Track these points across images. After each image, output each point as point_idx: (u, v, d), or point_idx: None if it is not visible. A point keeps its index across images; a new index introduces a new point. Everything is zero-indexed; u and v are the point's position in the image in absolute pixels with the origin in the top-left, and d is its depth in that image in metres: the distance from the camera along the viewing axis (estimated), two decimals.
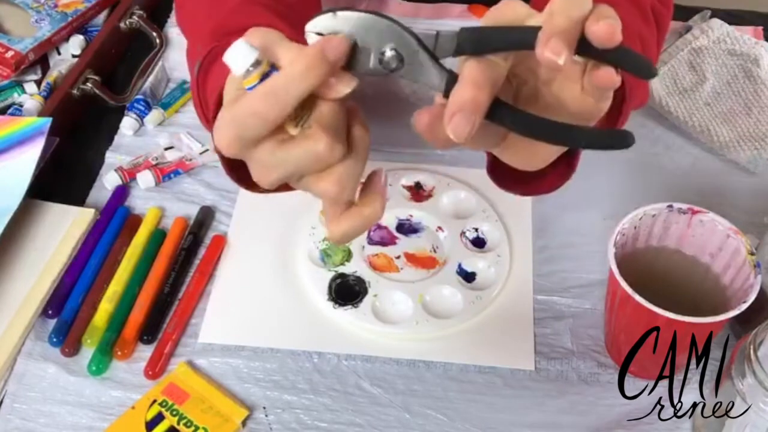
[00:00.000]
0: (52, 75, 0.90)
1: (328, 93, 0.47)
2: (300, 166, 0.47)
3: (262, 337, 0.71)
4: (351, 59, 0.48)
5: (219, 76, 0.58)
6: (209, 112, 0.60)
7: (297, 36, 0.61)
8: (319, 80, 0.46)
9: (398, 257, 0.76)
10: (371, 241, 0.77)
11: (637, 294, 0.60)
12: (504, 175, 0.59)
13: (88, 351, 0.69)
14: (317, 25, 0.48)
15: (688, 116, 0.88)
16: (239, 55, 0.45)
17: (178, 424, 0.64)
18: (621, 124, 0.61)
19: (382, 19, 0.48)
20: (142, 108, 0.88)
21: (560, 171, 0.58)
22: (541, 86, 0.51)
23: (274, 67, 0.46)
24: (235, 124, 0.46)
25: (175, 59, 0.94)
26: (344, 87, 0.47)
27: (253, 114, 0.45)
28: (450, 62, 0.48)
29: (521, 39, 0.47)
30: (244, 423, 0.65)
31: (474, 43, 0.47)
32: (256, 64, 0.46)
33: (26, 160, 0.78)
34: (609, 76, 0.46)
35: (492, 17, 0.48)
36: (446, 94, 0.48)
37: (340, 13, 0.48)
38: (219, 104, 0.53)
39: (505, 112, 0.48)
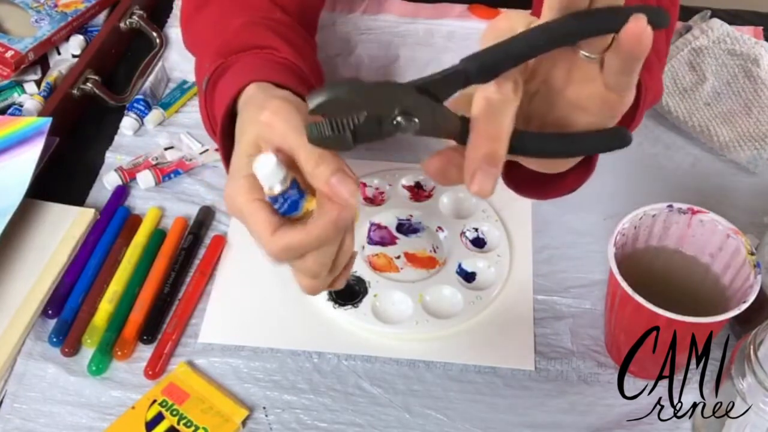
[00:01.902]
0: (52, 75, 0.90)
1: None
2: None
3: (262, 337, 0.71)
4: (363, 133, 0.47)
5: (226, 92, 0.61)
6: (216, 126, 0.62)
7: (296, 55, 0.65)
8: (330, 243, 0.51)
9: (398, 257, 0.76)
10: (371, 241, 0.77)
11: (637, 294, 0.60)
12: (521, 181, 0.59)
13: (88, 351, 0.69)
14: (320, 104, 0.46)
15: (688, 116, 0.88)
16: (268, 171, 0.48)
17: (178, 424, 0.64)
18: (637, 122, 0.62)
19: (386, 86, 0.47)
20: (142, 108, 0.88)
21: (579, 172, 0.59)
22: (555, 96, 0.50)
23: (295, 183, 0.50)
24: (245, 221, 0.52)
25: (175, 59, 0.94)
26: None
27: (265, 247, 0.51)
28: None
29: (526, 48, 0.46)
30: (244, 423, 0.65)
31: (481, 71, 0.47)
32: (283, 180, 0.49)
33: (26, 160, 0.78)
34: (640, 26, 0.43)
35: (491, 34, 0.48)
36: (460, 140, 0.48)
37: (341, 89, 0.46)
38: (225, 119, 0.59)
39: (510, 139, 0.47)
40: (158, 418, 0.65)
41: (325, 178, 0.49)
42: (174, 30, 0.97)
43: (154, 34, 0.96)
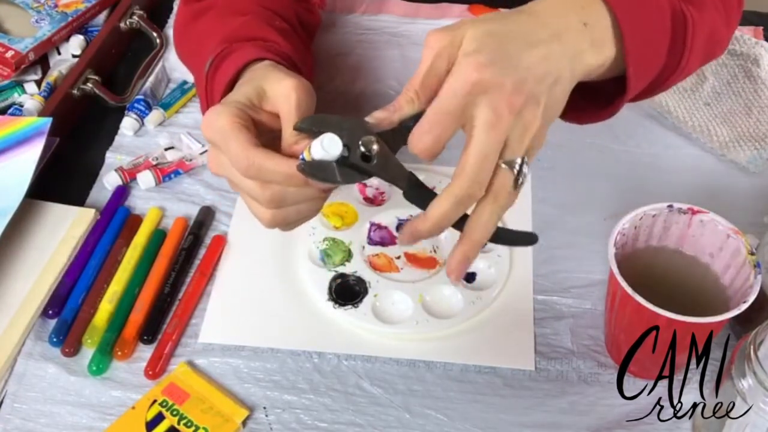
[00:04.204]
0: (53, 75, 0.90)
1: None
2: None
3: (262, 337, 0.71)
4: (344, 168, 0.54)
5: (226, 72, 0.65)
6: (213, 104, 0.65)
7: (295, 53, 0.70)
8: (294, 185, 0.56)
9: (398, 257, 0.76)
10: (371, 241, 0.77)
11: (637, 294, 0.60)
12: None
13: (88, 351, 0.69)
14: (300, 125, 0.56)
15: (688, 116, 0.88)
16: (334, 151, 0.53)
17: (179, 424, 0.64)
18: (691, 66, 0.65)
19: (352, 119, 0.54)
20: (143, 108, 0.88)
21: (601, 110, 0.64)
22: None
23: None
24: (223, 141, 0.56)
25: (176, 59, 0.94)
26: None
27: (239, 159, 0.55)
28: None
29: None
30: (244, 423, 0.65)
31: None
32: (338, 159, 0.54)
33: (26, 160, 0.78)
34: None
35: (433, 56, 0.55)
36: (407, 195, 0.56)
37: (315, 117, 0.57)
38: (224, 94, 0.63)
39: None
40: (158, 418, 0.65)
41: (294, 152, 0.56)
42: None
43: (155, 34, 0.97)
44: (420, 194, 0.56)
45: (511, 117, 0.52)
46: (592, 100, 0.63)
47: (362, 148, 0.53)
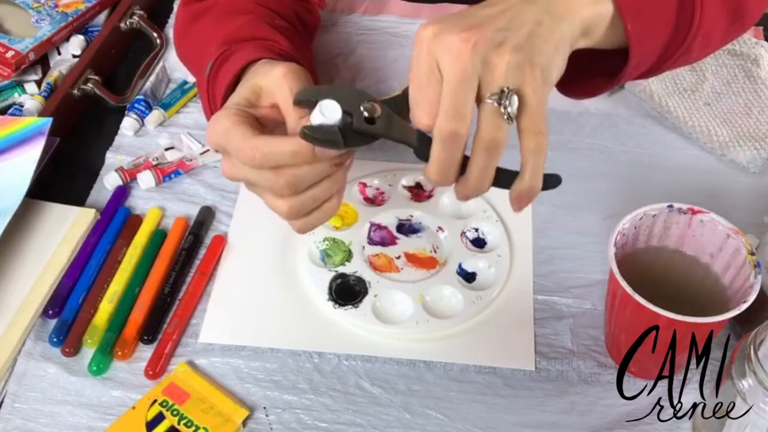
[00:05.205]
0: (53, 75, 0.90)
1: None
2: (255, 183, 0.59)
3: (263, 337, 0.71)
4: (347, 133, 0.54)
5: (227, 74, 0.65)
6: (215, 105, 0.66)
7: (295, 50, 0.70)
8: (302, 162, 0.56)
9: (398, 257, 0.76)
10: (372, 242, 0.77)
11: (637, 294, 0.60)
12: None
13: (88, 351, 0.70)
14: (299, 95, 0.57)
15: (688, 116, 0.88)
16: (332, 115, 0.54)
17: (179, 424, 0.64)
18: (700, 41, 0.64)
19: (351, 87, 0.55)
20: (143, 108, 0.88)
21: (599, 82, 0.64)
22: None
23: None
24: (227, 140, 0.57)
25: (176, 60, 0.94)
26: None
27: (245, 150, 0.56)
28: None
29: None
30: (244, 423, 0.65)
31: None
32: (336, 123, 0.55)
33: (26, 160, 0.78)
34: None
35: None
36: (418, 153, 0.55)
37: (315, 88, 0.58)
38: (225, 99, 0.64)
39: None
40: (159, 418, 0.65)
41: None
42: None
43: (155, 34, 0.97)
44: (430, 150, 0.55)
45: (467, 50, 0.52)
46: (606, 76, 0.64)
47: (365, 113, 0.54)
